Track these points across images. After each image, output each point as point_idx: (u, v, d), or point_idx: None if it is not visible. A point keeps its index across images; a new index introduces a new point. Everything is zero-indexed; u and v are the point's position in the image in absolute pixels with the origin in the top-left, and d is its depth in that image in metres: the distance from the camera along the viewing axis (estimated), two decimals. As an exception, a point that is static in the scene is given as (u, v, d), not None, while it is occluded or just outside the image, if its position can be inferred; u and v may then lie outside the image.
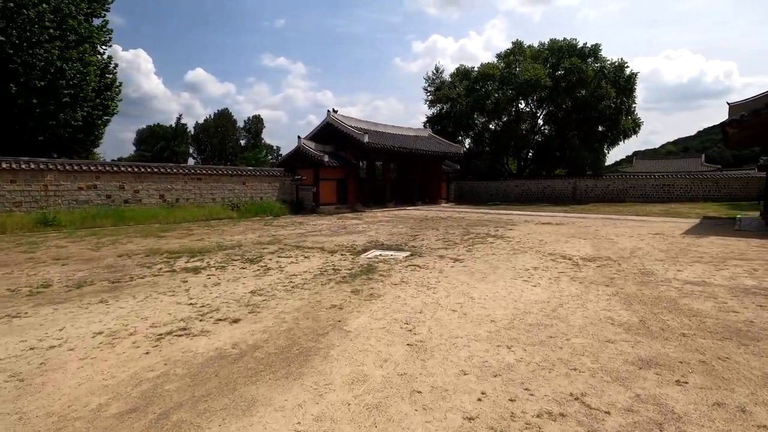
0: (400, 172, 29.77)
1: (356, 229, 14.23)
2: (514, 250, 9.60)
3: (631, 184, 30.16)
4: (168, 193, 19.07)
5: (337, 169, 24.00)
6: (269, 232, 13.59)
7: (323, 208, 23.13)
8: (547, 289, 5.93)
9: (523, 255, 8.89)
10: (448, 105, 37.57)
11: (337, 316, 4.76)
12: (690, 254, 8.63)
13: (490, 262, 8.08)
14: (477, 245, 10.43)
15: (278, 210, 21.56)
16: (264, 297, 5.61)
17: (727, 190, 27.88)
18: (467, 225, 15.47)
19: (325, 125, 25.28)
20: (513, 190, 34.25)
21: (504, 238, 11.73)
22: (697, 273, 6.80)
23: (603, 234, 12.32)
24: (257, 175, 22.65)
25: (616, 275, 6.75)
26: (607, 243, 10.50)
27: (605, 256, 8.63)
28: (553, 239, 11.33)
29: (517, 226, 14.74)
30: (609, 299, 5.30)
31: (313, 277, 6.83)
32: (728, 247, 9.58)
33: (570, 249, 9.60)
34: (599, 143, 35.36)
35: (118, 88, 28.89)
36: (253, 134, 64.40)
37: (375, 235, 12.72)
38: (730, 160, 76.90)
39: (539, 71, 31.91)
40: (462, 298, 5.49)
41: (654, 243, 10.34)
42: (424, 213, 22.05)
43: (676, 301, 5.15)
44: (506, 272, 7.14)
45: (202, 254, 9.11)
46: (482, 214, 21.10)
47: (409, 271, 7.38)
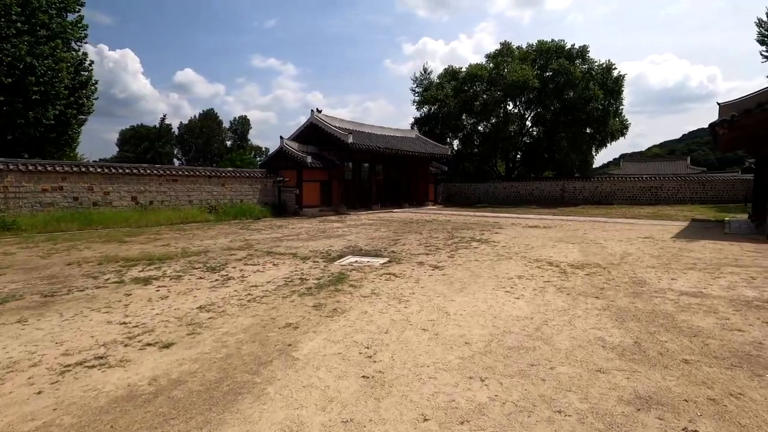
0: (387, 173, 29.16)
1: (336, 233, 13.58)
2: (499, 255, 9.04)
3: (619, 186, 29.98)
4: (141, 195, 18.19)
5: (320, 170, 23.32)
6: (243, 236, 12.87)
7: (306, 211, 22.43)
8: (531, 302, 5.35)
9: (508, 261, 8.33)
10: (436, 106, 37.11)
11: (288, 338, 4.12)
12: (683, 260, 8.15)
13: (471, 270, 7.50)
14: (460, 250, 9.86)
15: (259, 213, 20.81)
16: (212, 314, 4.93)
17: (713, 193, 27.83)
18: (452, 228, 14.91)
19: (308, 125, 24.59)
20: (501, 192, 33.89)
21: (489, 242, 11.18)
22: (692, 282, 6.29)
23: (591, 238, 11.85)
24: (237, 176, 21.86)
25: (606, 285, 6.20)
26: (596, 248, 10.01)
27: (594, 262, 8.11)
28: (540, 243, 10.81)
29: (503, 230, 14.22)
30: (599, 314, 4.74)
31: (276, 289, 6.17)
32: (721, 252, 9.15)
33: (557, 254, 9.07)
34: (587, 145, 35.20)
35: (94, 86, 27.83)
36: (240, 135, 63.32)
37: (355, 239, 12.08)
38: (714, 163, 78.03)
39: (527, 72, 31.62)
40: (436, 314, 4.88)
41: (644, 248, 9.87)
42: (410, 216, 21.48)
43: (674, 316, 4.60)
44: (488, 281, 6.56)
45: (162, 262, 8.38)
46: (469, 216, 20.59)
47: (383, 280, 6.76)
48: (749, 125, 12.25)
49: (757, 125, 12.43)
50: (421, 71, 41.61)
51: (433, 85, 38.02)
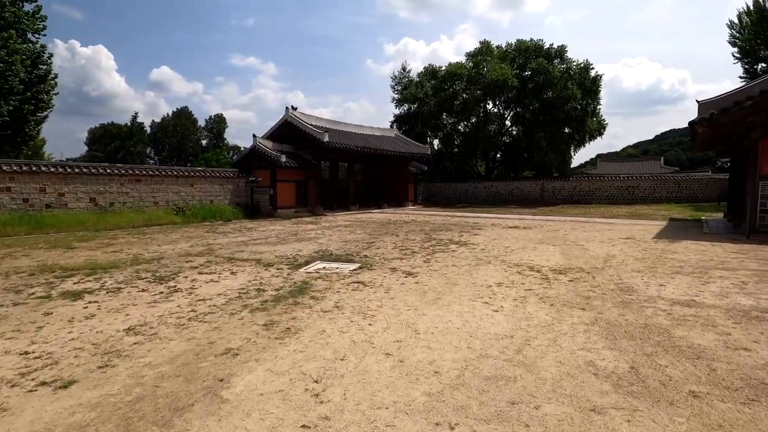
0: (366, 173, 28.49)
1: (308, 236, 12.83)
2: (478, 260, 8.49)
3: (598, 186, 30.09)
4: (101, 197, 17.01)
5: (296, 170, 22.47)
6: (207, 240, 11.99)
7: (281, 212, 21.55)
8: (511, 315, 4.77)
9: (487, 267, 7.78)
10: (415, 105, 36.63)
11: (223, 369, 3.41)
12: (668, 263, 7.76)
13: (448, 277, 6.91)
14: (437, 254, 9.28)
15: (230, 214, 19.83)
16: (140, 338, 4.18)
17: (688, 192, 28.19)
18: (431, 230, 14.36)
19: (283, 123, 23.69)
20: (481, 192, 33.65)
21: (468, 245, 10.64)
22: (682, 288, 5.84)
23: (572, 239, 11.46)
24: (207, 176, 20.82)
25: (591, 293, 5.69)
26: (578, 250, 9.58)
27: (577, 266, 7.64)
28: (520, 246, 10.33)
29: (483, 231, 13.74)
30: (587, 330, 4.19)
31: (226, 303, 5.43)
32: (705, 253, 8.83)
33: (538, 258, 8.58)
34: (566, 145, 35.34)
35: (53, 80, 26.26)
36: (216, 134, 61.52)
37: (327, 242, 11.37)
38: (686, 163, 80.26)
39: (506, 71, 31.44)
40: (404, 332, 4.25)
41: (627, 249, 9.50)
42: (388, 216, 20.86)
43: (670, 332, 4.09)
44: (465, 290, 5.97)
45: (105, 271, 7.50)
46: (449, 217, 20.11)
47: (350, 291, 6.09)
48: (727, 123, 12.09)
49: (735, 123, 12.29)
50: (400, 70, 41.11)
51: (412, 83, 37.53)
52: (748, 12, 26.25)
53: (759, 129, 11.66)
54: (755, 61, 26.17)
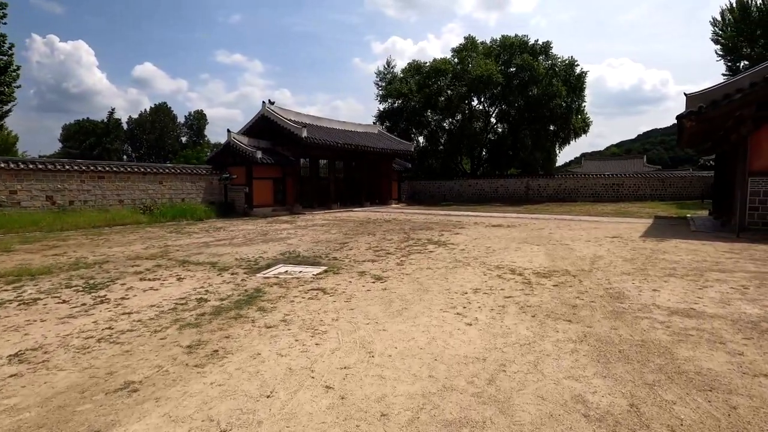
0: (348, 171, 27.64)
1: (279, 236, 11.99)
2: (456, 261, 7.80)
3: (583, 184, 29.82)
4: (59, 195, 15.87)
5: (273, 167, 21.53)
6: (168, 241, 11.06)
7: (258, 211, 20.60)
8: (486, 330, 4.07)
9: (465, 269, 7.08)
10: (400, 101, 35.93)
11: (105, 416, 2.61)
12: (659, 264, 7.18)
13: (420, 282, 6.18)
14: (413, 255, 8.56)
15: (202, 213, 18.81)
16: (24, 366, 3.34)
17: (672, 189, 28.09)
18: (411, 228, 13.65)
19: (260, 118, 22.71)
20: (466, 189, 33.12)
21: (447, 245, 9.95)
22: (678, 294, 5.22)
23: (557, 238, 10.87)
24: (178, 173, 19.74)
25: (578, 300, 5.03)
26: (563, 250, 8.97)
27: (562, 268, 7.00)
28: (503, 245, 9.68)
29: (465, 230, 13.09)
30: (575, 350, 3.50)
31: (155, 317, 4.60)
32: (697, 253, 8.29)
33: (521, 259, 7.93)
34: (551, 142, 35.04)
35: (15, 72, 24.86)
36: (196, 131, 59.85)
37: (297, 243, 10.56)
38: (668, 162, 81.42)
39: (491, 67, 30.94)
40: (355, 355, 3.50)
41: (615, 249, 8.92)
42: (369, 215, 20.10)
43: (672, 351, 3.42)
44: (437, 298, 5.26)
45: (33, 278, 6.58)
46: (432, 215, 19.45)
47: (306, 300, 5.32)
48: (716, 117, 11.66)
49: (724, 117, 11.87)
50: (385, 65, 40.34)
51: (396, 78, 36.80)
52: (730, 9, 26.20)
53: (749, 123, 11.24)
54: (738, 59, 26.14)
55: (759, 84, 10.74)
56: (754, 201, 11.39)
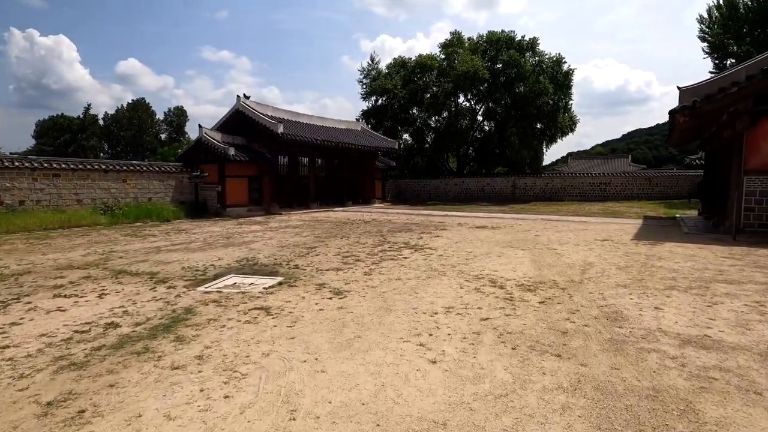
0: (329, 169, 26.60)
1: (243, 239, 10.97)
2: (431, 270, 6.91)
3: (570, 183, 29.28)
4: (7, 194, 14.55)
5: (248, 164, 20.39)
6: (115, 246, 9.95)
7: (231, 211, 19.46)
8: (453, 372, 3.16)
9: (440, 280, 6.19)
10: (384, 98, 34.97)
11: None
12: (657, 273, 6.38)
13: (385, 297, 5.27)
14: (385, 263, 7.65)
15: (170, 213, 17.63)
16: None
17: (659, 189, 27.72)
18: (389, 230, 12.74)
19: (234, 113, 21.54)
20: (452, 188, 32.34)
21: (425, 249, 9.06)
22: (686, 314, 4.41)
23: (544, 241, 10.07)
24: (144, 171, 18.50)
25: (569, 323, 4.17)
26: (550, 255, 8.15)
27: (549, 279, 6.15)
28: (485, 250, 8.83)
29: (446, 232, 12.23)
30: (566, 407, 2.62)
31: (33, 354, 3.60)
32: (695, 259, 7.54)
33: (504, 267, 7.07)
34: (538, 140, 34.47)
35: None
36: (176, 128, 57.98)
37: (261, 248, 9.57)
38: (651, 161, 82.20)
39: (477, 63, 30.18)
40: (270, 418, 2.56)
41: (606, 255, 8.13)
42: (350, 215, 19.13)
43: (695, 407, 2.56)
44: (399, 321, 4.35)
45: None
46: (414, 215, 18.57)
47: (242, 323, 4.37)
48: (710, 112, 10.99)
49: (718, 112, 11.21)
50: (369, 61, 39.32)
51: (381, 75, 35.83)
52: (718, 6, 25.86)
53: (745, 119, 10.58)
54: (725, 56, 25.83)
55: (756, 76, 10.09)
56: (750, 201, 10.74)
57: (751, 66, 10.42)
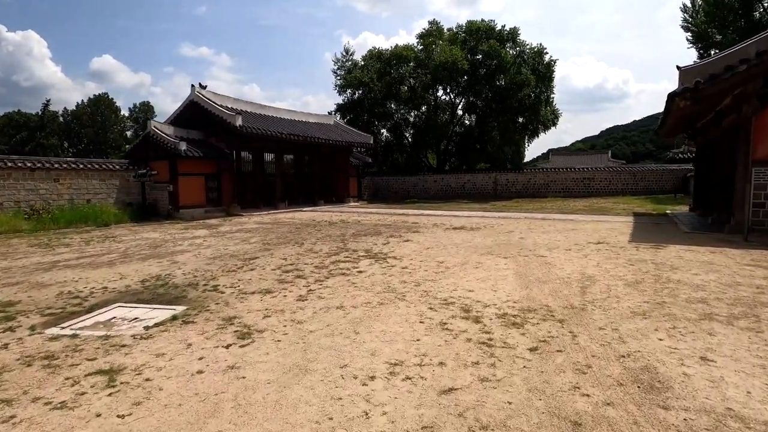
0: (299, 166, 24.72)
1: (173, 249, 9.13)
2: (387, 291, 5.27)
3: (553, 178, 28.14)
4: None
5: (204, 161, 18.39)
6: (1, 262, 7.99)
7: (185, 213, 17.43)
8: None
9: (395, 308, 4.56)
10: (360, 91, 33.19)
11: None
12: (679, 293, 4.89)
13: (308, 344, 3.61)
14: (332, 279, 5.99)
15: (111, 217, 15.53)
16: None
17: (644, 184, 26.82)
18: (354, 234, 11.07)
19: (188, 104, 19.48)
20: (432, 185, 30.86)
21: (388, 259, 7.43)
22: (757, 375, 2.88)
23: (530, 245, 8.56)
24: (81, 168, 16.32)
25: (581, 401, 2.59)
26: (539, 265, 6.62)
27: (541, 304, 4.59)
28: (460, 259, 7.25)
29: (419, 234, 10.63)
30: None
31: None
32: (716, 269, 6.11)
33: (482, 285, 5.49)
34: (520, 135, 33.22)
35: None
36: (142, 124, 54.86)
37: (186, 260, 7.78)
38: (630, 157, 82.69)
39: (456, 53, 28.68)
40: None
41: (606, 263, 6.64)
42: (317, 216, 17.37)
43: None
44: (308, 400, 2.69)
45: None
46: (388, 215, 16.94)
47: (47, 411, 2.63)
48: (714, 95, 9.67)
49: (720, 95, 9.91)
50: (342, 52, 37.46)
51: (356, 67, 34.03)
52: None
53: (753, 101, 9.28)
54: (709, 46, 24.98)
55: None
56: (759, 196, 9.46)
57: (762, 41, 9.10)
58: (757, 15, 23.32)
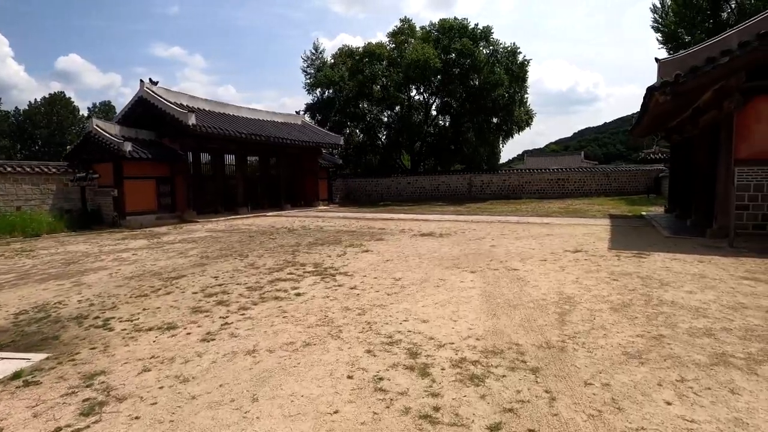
0: (264, 168, 23.34)
1: (93, 265, 7.78)
2: (322, 324, 4.18)
3: (527, 179, 27.67)
4: None
5: (155, 163, 16.85)
6: None
7: (133, 220, 15.84)
8: None
9: (323, 351, 3.47)
10: (331, 90, 32.00)
11: None
12: (678, 322, 3.98)
13: (177, 423, 2.48)
14: (261, 306, 4.87)
15: (44, 226, 13.86)
16: None
17: (617, 184, 26.64)
18: (310, 243, 9.92)
19: (137, 102, 17.87)
20: (406, 188, 29.94)
21: (337, 276, 6.34)
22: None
23: (502, 255, 7.63)
24: (8, 172, 14.54)
25: None
26: (510, 283, 5.65)
27: (510, 342, 3.59)
28: (420, 275, 6.23)
29: (381, 243, 9.58)
30: None
31: None
32: (711, 284, 5.27)
33: (439, 313, 4.46)
34: (494, 136, 32.68)
35: None
36: (104, 125, 51.90)
37: (94, 282, 6.48)
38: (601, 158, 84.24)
39: (428, 51, 27.87)
40: None
41: (587, 278, 5.74)
42: (278, 221, 16.09)
43: None
44: None
45: None
46: (354, 220, 15.83)
47: None
48: (694, 89, 9.00)
49: (699, 90, 9.25)
50: (312, 50, 36.19)
51: (326, 65, 32.82)
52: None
53: (736, 96, 8.65)
54: (679, 46, 24.95)
55: (752, 44, 8.13)
56: (742, 198, 8.85)
57: (744, 30, 8.49)
58: (724, 16, 23.38)
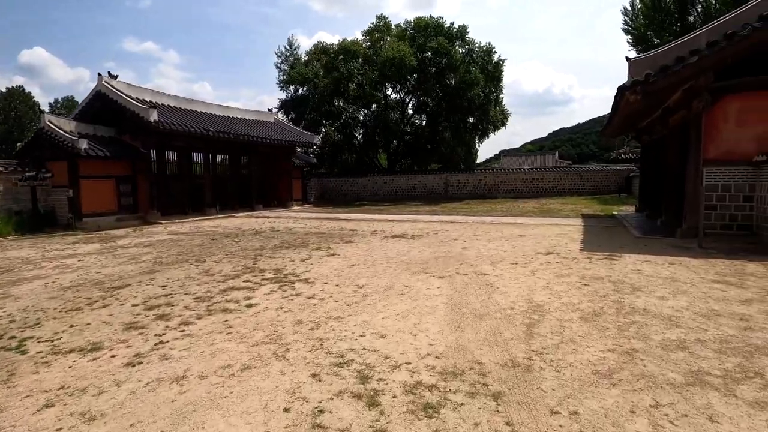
0: (235, 167, 22.52)
1: (29, 273, 7.07)
2: (268, 342, 3.74)
3: (502, 179, 27.75)
4: None
5: (114, 161, 15.92)
6: None
7: (90, 221, 14.88)
8: None
9: (263, 376, 3.04)
10: (305, 88, 31.31)
11: None
12: (651, 333, 3.73)
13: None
14: (205, 319, 4.40)
15: (-12, 229, 12.86)
16: None
17: (590, 184, 26.99)
18: (274, 247, 9.41)
19: (95, 97, 16.86)
20: (382, 187, 29.58)
21: (296, 283, 5.89)
22: None
23: (472, 258, 7.34)
24: (-53, 171, 13.44)
25: None
26: (478, 290, 5.35)
27: (472, 357, 3.25)
28: (386, 282, 5.85)
29: (350, 246, 9.16)
30: None
31: None
32: (682, 289, 5.09)
33: (400, 326, 4.09)
34: (471, 135, 32.69)
35: None
36: (67, 122, 49.46)
37: (29, 292, 5.84)
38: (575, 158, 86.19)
39: (404, 49, 27.57)
40: None
41: (557, 284, 5.49)
42: (244, 223, 15.43)
43: None
44: None
45: None
46: (326, 221, 15.34)
47: None
48: (664, 88, 8.95)
49: (669, 89, 9.23)
50: (286, 46, 35.38)
51: (300, 62, 32.10)
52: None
53: (704, 95, 8.63)
54: (648, 48, 25.47)
55: (720, 43, 8.12)
56: (711, 198, 8.85)
57: (713, 30, 8.48)
58: (691, 19, 23.97)
